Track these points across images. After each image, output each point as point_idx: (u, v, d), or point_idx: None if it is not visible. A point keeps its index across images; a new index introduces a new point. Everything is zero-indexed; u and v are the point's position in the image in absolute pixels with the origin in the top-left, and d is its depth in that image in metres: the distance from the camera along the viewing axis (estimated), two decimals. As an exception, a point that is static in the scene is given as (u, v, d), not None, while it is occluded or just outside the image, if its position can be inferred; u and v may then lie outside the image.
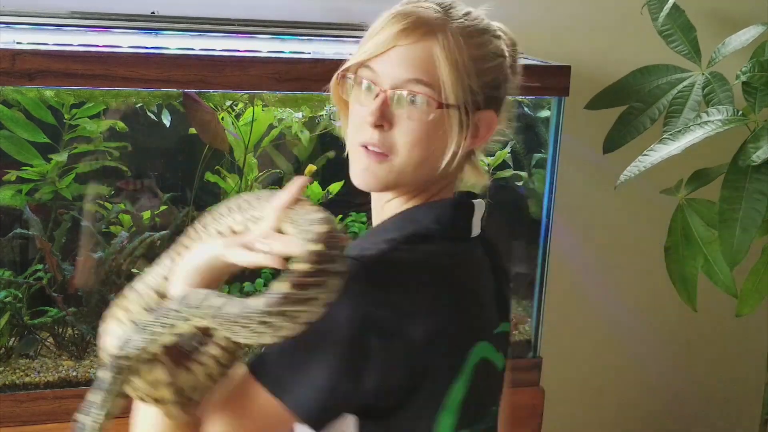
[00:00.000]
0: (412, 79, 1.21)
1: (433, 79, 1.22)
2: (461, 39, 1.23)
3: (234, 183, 1.84)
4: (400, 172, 1.23)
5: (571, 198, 2.30)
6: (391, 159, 1.22)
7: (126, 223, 1.81)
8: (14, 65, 1.51)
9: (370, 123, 1.21)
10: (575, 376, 2.51)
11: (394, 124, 1.21)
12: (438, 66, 1.21)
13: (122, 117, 1.80)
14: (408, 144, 1.22)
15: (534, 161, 2.06)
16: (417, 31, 1.21)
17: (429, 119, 1.21)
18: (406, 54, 1.21)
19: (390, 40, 1.21)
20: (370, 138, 1.22)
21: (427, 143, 1.23)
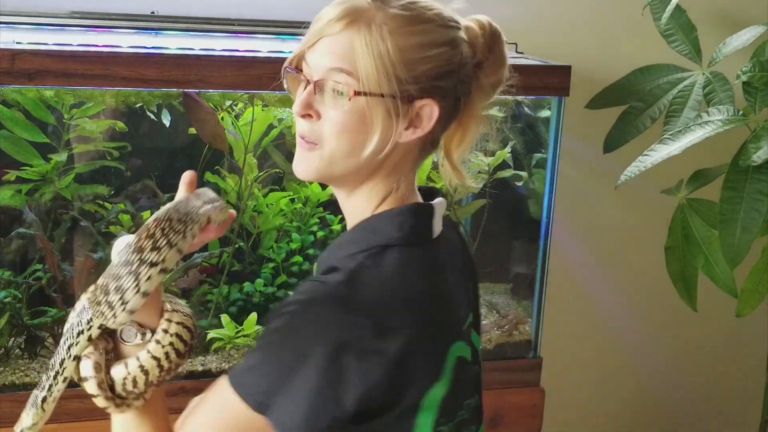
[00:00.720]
0: (334, 68, 1.20)
1: (355, 68, 1.21)
2: (392, 27, 1.21)
3: (234, 183, 1.84)
4: (330, 161, 1.22)
5: (571, 198, 2.30)
6: (320, 147, 1.22)
7: (126, 223, 1.81)
8: (14, 65, 1.51)
9: (297, 113, 1.22)
10: (575, 376, 2.51)
11: (320, 114, 1.22)
12: (365, 55, 1.20)
13: (122, 117, 1.80)
14: (333, 133, 1.21)
15: (534, 161, 2.06)
16: (342, 20, 1.21)
17: (348, 108, 1.19)
18: (330, 43, 1.22)
19: (317, 31, 1.22)
20: (301, 129, 1.23)
21: (352, 132, 1.22)
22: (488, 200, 2.01)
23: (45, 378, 1.18)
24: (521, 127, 2.04)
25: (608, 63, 2.27)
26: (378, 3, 1.22)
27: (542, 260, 1.98)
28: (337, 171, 1.25)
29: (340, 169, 1.25)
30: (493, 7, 2.11)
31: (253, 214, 1.87)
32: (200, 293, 1.84)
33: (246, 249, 1.88)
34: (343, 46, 1.21)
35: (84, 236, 1.80)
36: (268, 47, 1.77)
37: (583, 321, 2.49)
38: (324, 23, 1.22)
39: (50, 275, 1.75)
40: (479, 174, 1.98)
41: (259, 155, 1.88)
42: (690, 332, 2.60)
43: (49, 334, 1.79)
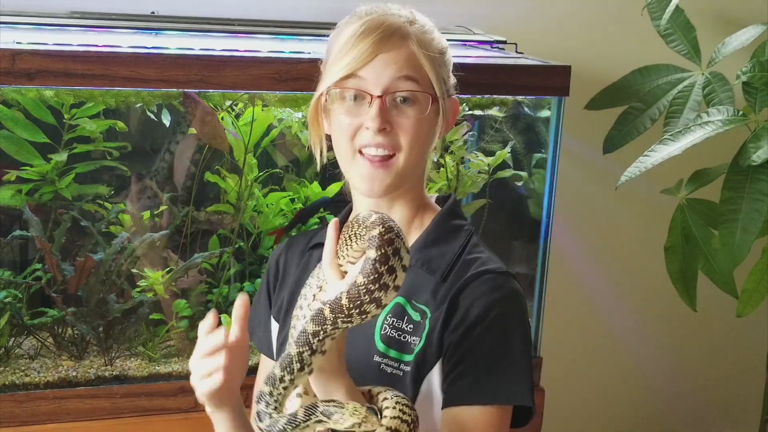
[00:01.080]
0: (402, 76, 1.31)
1: (420, 75, 1.32)
2: (427, 37, 1.35)
3: (234, 183, 1.84)
4: (405, 169, 1.33)
5: (571, 198, 2.30)
6: (396, 158, 1.32)
7: (126, 223, 1.81)
8: (14, 65, 1.51)
9: (375, 128, 1.29)
10: (575, 376, 2.51)
11: (393, 124, 1.28)
12: (422, 63, 1.32)
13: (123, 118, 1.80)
14: (409, 140, 1.33)
15: (534, 161, 2.06)
16: (394, 36, 1.31)
17: (426, 114, 1.27)
18: (391, 57, 1.31)
19: (372, 49, 1.29)
20: (373, 140, 1.29)
21: (423, 136, 1.34)
22: (488, 200, 2.01)
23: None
24: (521, 127, 2.04)
25: (608, 63, 2.27)
26: (404, 19, 1.34)
27: (542, 260, 1.98)
28: (404, 181, 1.36)
29: (407, 178, 1.36)
30: (493, 7, 2.11)
31: (253, 214, 1.87)
32: (200, 293, 1.84)
33: (246, 249, 1.88)
34: (404, 57, 1.31)
35: (84, 236, 1.80)
36: (268, 47, 1.77)
37: (583, 321, 2.49)
38: (374, 42, 1.29)
39: (50, 275, 1.75)
40: (479, 174, 1.98)
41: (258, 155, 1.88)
42: (690, 332, 2.60)
43: (49, 334, 1.78)
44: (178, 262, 1.83)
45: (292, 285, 1.47)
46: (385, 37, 1.30)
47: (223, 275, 1.85)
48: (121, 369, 1.77)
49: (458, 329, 1.29)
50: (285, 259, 1.52)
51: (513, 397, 1.28)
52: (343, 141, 1.33)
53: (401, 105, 1.31)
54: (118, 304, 1.78)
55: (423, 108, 1.32)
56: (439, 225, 1.40)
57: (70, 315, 1.75)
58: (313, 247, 1.49)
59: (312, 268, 1.46)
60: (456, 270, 1.36)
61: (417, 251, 1.38)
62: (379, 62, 1.29)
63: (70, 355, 1.78)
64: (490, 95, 1.90)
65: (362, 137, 1.31)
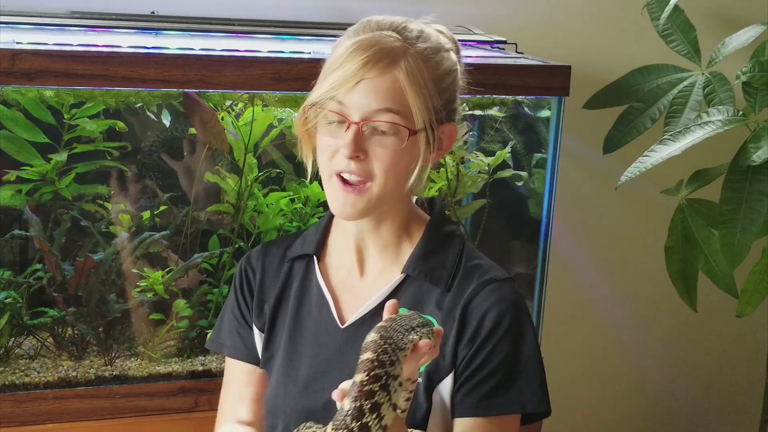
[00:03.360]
0: (382, 108, 1.28)
1: (402, 105, 1.28)
2: (422, 62, 1.29)
3: (234, 183, 1.84)
4: (378, 198, 1.33)
5: (571, 198, 2.30)
6: (369, 186, 1.31)
7: (126, 223, 1.81)
8: (14, 65, 1.51)
9: (347, 155, 1.28)
10: (575, 376, 2.51)
11: (368, 153, 1.28)
12: (405, 93, 1.28)
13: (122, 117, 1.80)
14: (384, 170, 1.31)
15: (534, 161, 2.06)
16: (381, 62, 1.27)
17: (402, 147, 1.26)
18: (373, 85, 1.27)
19: (356, 73, 1.27)
20: (347, 167, 1.30)
21: (401, 167, 1.31)
22: (488, 200, 2.01)
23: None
24: (521, 127, 2.04)
25: (608, 63, 2.27)
26: (402, 40, 1.30)
27: (542, 260, 1.98)
28: (384, 206, 1.35)
29: (387, 203, 1.36)
30: (493, 7, 2.12)
31: (253, 214, 1.87)
32: (200, 293, 1.84)
33: (246, 249, 1.88)
34: (387, 87, 1.27)
35: (84, 236, 1.80)
36: (268, 47, 1.77)
37: (583, 321, 2.49)
38: (359, 66, 1.26)
39: (50, 275, 1.75)
40: (479, 174, 1.98)
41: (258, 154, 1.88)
42: (690, 332, 2.60)
43: (49, 334, 1.78)
44: (178, 262, 1.83)
45: (275, 297, 1.46)
46: (371, 62, 1.26)
47: (223, 275, 1.85)
48: (121, 369, 1.77)
49: (473, 342, 1.31)
50: (262, 269, 1.49)
51: (528, 405, 1.31)
52: (323, 160, 1.33)
53: (379, 136, 1.29)
54: (118, 304, 1.78)
55: (401, 140, 1.29)
56: (432, 234, 1.40)
57: (70, 315, 1.75)
58: (294, 259, 1.48)
59: (295, 281, 1.46)
60: (459, 278, 1.36)
61: (417, 262, 1.38)
62: (361, 88, 1.26)
63: (70, 355, 1.78)
64: (490, 95, 1.90)
65: (337, 161, 1.30)
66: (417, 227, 1.41)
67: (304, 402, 1.37)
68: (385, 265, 1.40)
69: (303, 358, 1.41)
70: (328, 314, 1.41)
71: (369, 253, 1.41)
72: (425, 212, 1.46)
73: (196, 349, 1.83)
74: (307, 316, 1.43)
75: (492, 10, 2.21)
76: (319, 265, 1.45)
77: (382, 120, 1.27)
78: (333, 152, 1.30)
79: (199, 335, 1.84)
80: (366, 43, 1.27)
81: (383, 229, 1.39)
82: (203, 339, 1.83)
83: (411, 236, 1.40)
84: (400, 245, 1.40)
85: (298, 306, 1.44)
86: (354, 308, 1.40)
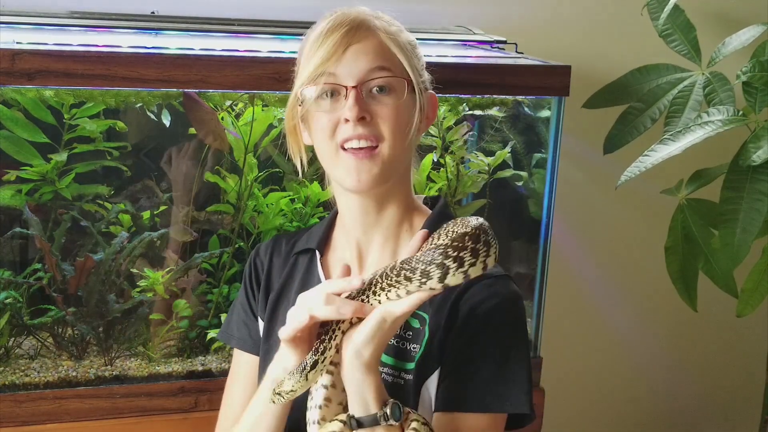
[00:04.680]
0: (375, 67, 1.30)
1: (392, 63, 1.32)
2: (396, 29, 1.35)
3: (234, 183, 1.84)
4: (391, 159, 1.32)
5: (571, 198, 2.30)
6: (380, 148, 1.31)
7: (126, 223, 1.81)
8: (14, 65, 1.51)
9: (353, 118, 1.28)
10: (575, 376, 2.51)
11: (372, 114, 1.27)
12: (392, 51, 1.32)
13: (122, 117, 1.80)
14: (390, 129, 1.32)
15: (534, 161, 2.06)
16: (362, 27, 1.30)
17: (402, 100, 1.28)
18: (361, 49, 1.30)
19: (341, 42, 1.29)
20: (354, 132, 1.28)
21: (403, 124, 1.33)
22: (488, 200, 2.01)
23: (317, 342, 1.21)
24: (521, 127, 2.04)
25: (608, 63, 2.27)
26: (371, 14, 1.34)
27: (542, 260, 1.98)
28: (394, 170, 1.35)
29: (396, 167, 1.36)
30: (493, 7, 2.12)
31: (253, 214, 1.87)
32: (200, 293, 1.84)
33: (246, 249, 1.88)
34: (374, 47, 1.31)
35: (84, 236, 1.80)
36: (268, 47, 1.77)
37: (583, 321, 2.49)
38: (343, 34, 1.29)
39: (50, 275, 1.75)
40: (479, 174, 1.98)
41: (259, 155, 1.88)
42: (690, 332, 2.60)
43: (49, 334, 1.78)
44: (178, 262, 1.83)
45: (278, 289, 1.48)
46: (353, 29, 1.29)
47: (223, 275, 1.85)
48: (121, 369, 1.77)
49: (461, 336, 1.30)
50: (270, 261, 1.52)
51: (510, 406, 1.28)
52: (323, 140, 1.32)
53: (378, 95, 1.30)
54: (118, 304, 1.78)
55: (400, 94, 1.31)
56: (431, 228, 1.39)
57: (70, 315, 1.75)
58: (299, 254, 1.49)
59: (298, 275, 1.47)
60: None
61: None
62: (350, 55, 1.29)
63: (70, 355, 1.78)
64: (490, 95, 1.90)
65: (342, 131, 1.30)
66: (418, 219, 1.42)
67: (305, 395, 1.37)
68: (384, 259, 1.41)
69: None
70: None
71: (369, 248, 1.41)
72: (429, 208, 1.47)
73: (196, 349, 1.83)
74: None
75: (492, 10, 2.21)
76: (321, 260, 1.46)
77: (378, 77, 1.29)
78: (334, 125, 1.31)
79: (199, 335, 1.84)
80: (341, 18, 1.31)
81: (385, 215, 1.39)
82: (203, 339, 1.83)
83: (412, 227, 1.41)
84: (399, 236, 1.41)
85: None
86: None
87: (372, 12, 1.35)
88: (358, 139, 1.29)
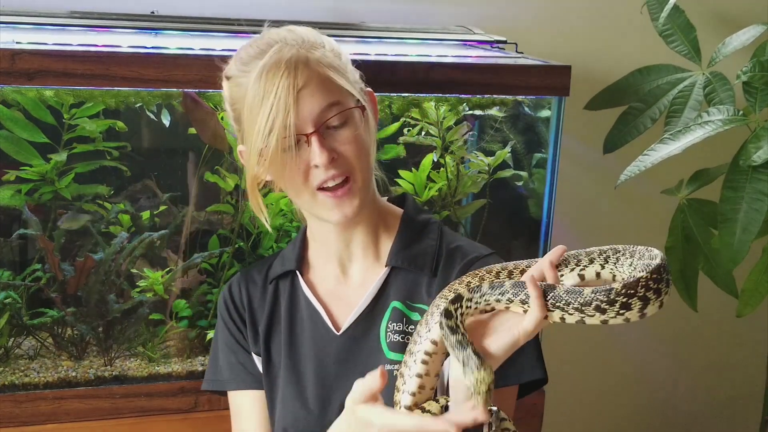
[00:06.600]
0: (326, 105, 1.29)
1: (341, 94, 1.31)
2: (319, 52, 1.31)
3: (234, 183, 1.84)
4: (363, 188, 1.35)
5: (571, 198, 2.30)
6: (353, 179, 1.33)
7: (126, 223, 1.81)
8: (14, 65, 1.51)
9: (323, 162, 1.27)
10: (575, 376, 2.51)
11: (338, 150, 1.27)
12: (336, 81, 1.30)
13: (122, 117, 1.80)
14: (358, 157, 1.32)
15: (534, 161, 2.05)
16: (300, 68, 1.27)
17: (360, 128, 1.30)
18: (308, 92, 1.28)
19: (287, 91, 1.25)
20: (326, 175, 1.31)
21: (366, 147, 1.34)
22: (488, 200, 2.01)
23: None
24: (521, 127, 2.04)
25: (608, 63, 2.27)
26: (294, 45, 1.30)
27: (542, 260, 1.97)
28: (368, 194, 1.37)
29: (369, 189, 1.38)
30: (493, 7, 2.11)
31: (253, 214, 1.87)
32: (200, 293, 1.84)
33: (246, 249, 1.87)
34: (319, 85, 1.29)
35: (84, 236, 1.80)
36: (268, 47, 1.77)
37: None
38: (286, 83, 1.25)
39: (50, 275, 1.75)
40: (479, 174, 1.98)
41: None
42: (690, 332, 2.59)
43: (49, 334, 1.78)
44: (178, 262, 1.83)
45: (266, 320, 1.47)
46: (293, 74, 1.26)
47: (223, 275, 1.85)
48: (121, 369, 1.77)
49: None
50: (248, 295, 1.51)
51: (523, 376, 1.32)
52: (298, 186, 1.33)
53: (335, 130, 1.30)
54: (118, 304, 1.77)
55: (356, 123, 1.31)
56: (409, 224, 1.42)
57: (70, 315, 1.75)
58: (278, 279, 1.48)
59: (283, 300, 1.47)
60: (443, 262, 1.38)
61: (398, 253, 1.39)
62: (300, 101, 1.27)
63: (70, 355, 1.78)
64: (490, 95, 1.90)
65: (315, 176, 1.31)
66: (392, 221, 1.44)
67: (318, 419, 1.38)
68: (368, 265, 1.42)
69: (307, 373, 1.41)
70: (322, 325, 1.42)
71: (351, 257, 1.43)
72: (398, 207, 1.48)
73: (195, 349, 1.83)
74: (301, 332, 1.43)
75: (492, 10, 2.21)
76: (304, 279, 1.46)
77: (333, 115, 1.29)
78: (305, 172, 1.31)
79: (199, 335, 1.84)
80: (273, 66, 1.27)
81: (361, 226, 1.40)
82: (203, 339, 1.83)
83: (389, 229, 1.43)
84: (379, 241, 1.42)
85: (290, 323, 1.45)
86: (346, 313, 1.41)
87: (298, 39, 1.31)
88: (333, 179, 1.31)
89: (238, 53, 1.35)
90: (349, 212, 1.32)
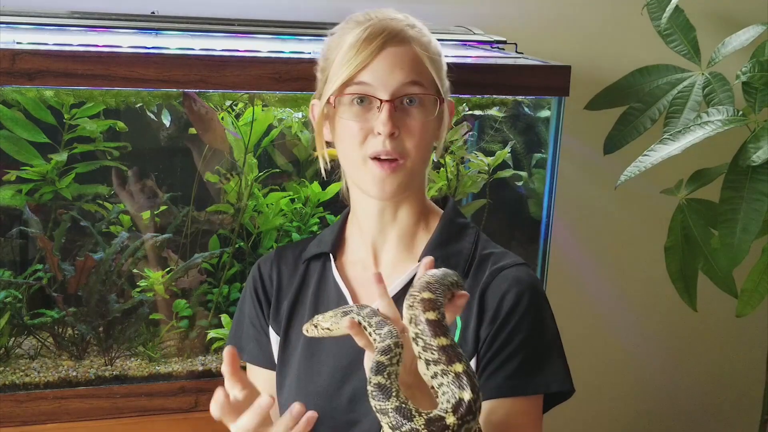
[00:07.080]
0: (409, 81, 1.32)
1: (425, 78, 1.34)
2: (426, 39, 1.37)
3: (234, 183, 1.84)
4: (412, 173, 1.35)
5: (571, 198, 2.30)
6: (404, 163, 1.33)
7: (126, 223, 1.81)
8: (14, 65, 1.51)
9: (386, 132, 1.30)
10: (575, 376, 2.51)
11: (401, 128, 1.29)
12: (426, 65, 1.34)
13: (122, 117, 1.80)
14: (416, 144, 1.34)
15: (534, 161, 2.06)
16: (396, 39, 1.32)
17: (432, 117, 1.29)
18: (396, 62, 1.32)
19: (377, 53, 1.31)
20: (383, 147, 1.31)
21: (428, 140, 1.36)
22: (488, 200, 2.01)
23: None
24: (521, 127, 2.04)
25: (608, 63, 2.27)
26: (403, 23, 1.35)
27: (542, 260, 1.98)
28: (414, 182, 1.39)
29: (417, 179, 1.39)
30: (493, 7, 2.11)
31: (253, 214, 1.87)
32: (200, 293, 1.84)
33: (246, 249, 1.88)
34: (409, 60, 1.32)
35: (84, 236, 1.80)
36: (268, 47, 1.77)
37: (583, 321, 2.49)
38: (380, 44, 1.31)
39: (50, 275, 1.75)
40: (479, 174, 1.98)
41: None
42: (690, 332, 2.59)
43: (49, 334, 1.78)
44: (178, 262, 1.83)
45: (291, 297, 1.48)
46: (389, 41, 1.31)
47: (223, 275, 1.85)
48: (121, 369, 1.77)
49: (494, 323, 1.32)
50: (278, 272, 1.52)
51: (552, 385, 1.32)
52: (352, 147, 1.34)
53: (408, 107, 1.32)
54: (118, 304, 1.78)
55: (429, 111, 1.34)
56: (448, 224, 1.42)
57: (70, 315, 1.75)
58: (310, 259, 1.49)
59: (312, 281, 1.47)
60: (475, 266, 1.38)
61: (433, 250, 1.39)
62: (385, 67, 1.31)
63: (70, 355, 1.78)
64: (490, 95, 1.90)
65: (373, 144, 1.32)
66: (433, 219, 1.44)
67: (328, 402, 1.37)
68: (399, 258, 1.42)
69: (323, 356, 1.41)
70: None
71: (384, 247, 1.43)
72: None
73: (196, 349, 1.84)
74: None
75: (492, 10, 2.21)
76: (336, 263, 1.46)
77: (412, 92, 1.31)
78: (364, 136, 1.33)
79: (199, 335, 1.84)
80: (377, 27, 1.32)
81: (402, 215, 1.41)
82: (203, 339, 1.83)
83: (427, 226, 1.43)
84: (416, 235, 1.42)
85: (315, 304, 1.45)
86: (372, 301, 1.40)
87: (403, 17, 1.36)
88: (387, 154, 1.32)
89: (349, 17, 1.39)
90: (389, 190, 1.33)
